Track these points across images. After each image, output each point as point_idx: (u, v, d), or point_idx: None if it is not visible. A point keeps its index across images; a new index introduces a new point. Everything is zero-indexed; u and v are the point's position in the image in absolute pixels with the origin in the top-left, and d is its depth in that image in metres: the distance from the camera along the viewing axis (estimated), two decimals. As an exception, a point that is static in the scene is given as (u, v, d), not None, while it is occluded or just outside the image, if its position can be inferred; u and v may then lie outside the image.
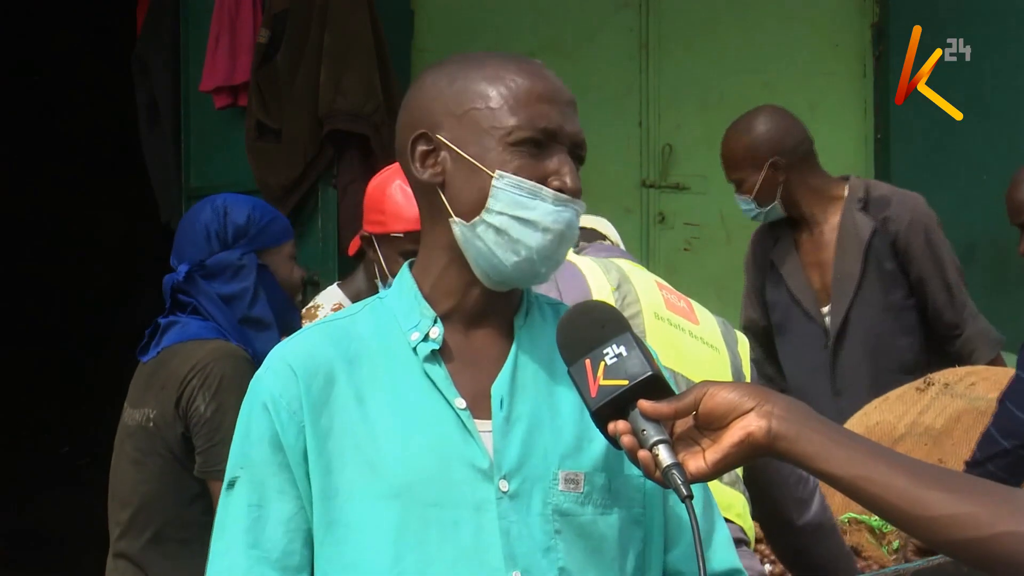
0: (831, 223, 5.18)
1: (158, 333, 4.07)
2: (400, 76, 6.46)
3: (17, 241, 11.23)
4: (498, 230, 2.17)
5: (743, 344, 3.64)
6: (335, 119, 6.36)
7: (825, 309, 5.20)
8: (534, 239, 2.17)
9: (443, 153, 2.21)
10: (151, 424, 3.97)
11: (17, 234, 11.23)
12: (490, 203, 2.17)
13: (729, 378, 3.50)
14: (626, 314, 3.39)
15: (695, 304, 3.62)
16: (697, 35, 7.17)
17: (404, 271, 2.28)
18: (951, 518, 1.96)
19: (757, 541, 3.77)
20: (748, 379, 3.58)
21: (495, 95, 2.20)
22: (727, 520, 3.33)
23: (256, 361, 3.83)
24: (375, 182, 4.09)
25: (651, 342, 3.35)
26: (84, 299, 11.28)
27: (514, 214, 2.17)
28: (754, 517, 3.56)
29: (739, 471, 3.44)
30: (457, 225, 2.20)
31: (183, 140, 7.13)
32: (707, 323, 3.57)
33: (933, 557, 3.68)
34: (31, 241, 11.32)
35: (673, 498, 2.22)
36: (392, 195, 3.98)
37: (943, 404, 4.55)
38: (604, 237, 3.85)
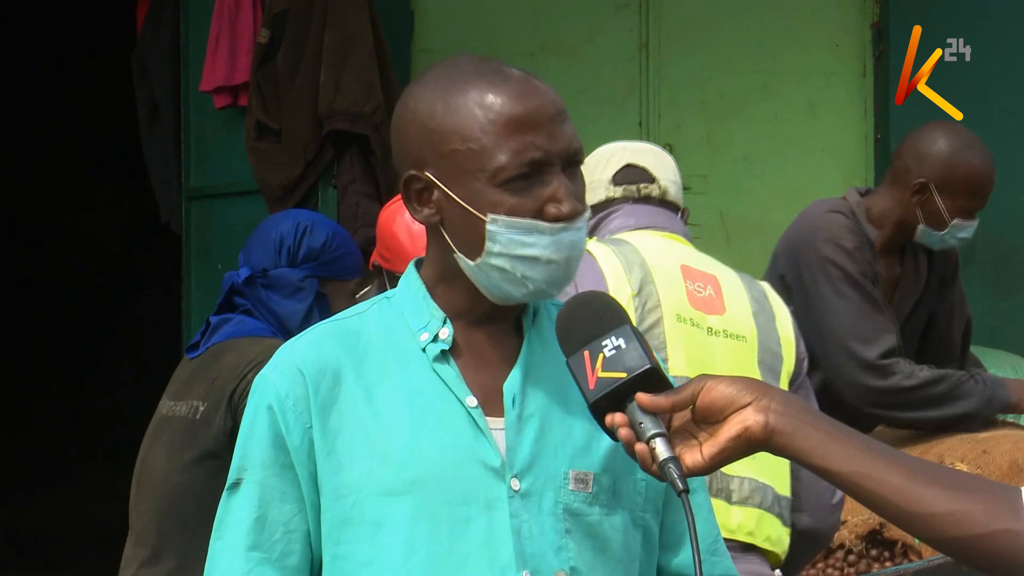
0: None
1: (208, 331, 4.05)
2: (400, 76, 6.45)
3: (16, 241, 11.22)
4: (502, 270, 2.16)
5: (781, 317, 3.53)
6: (335, 119, 6.35)
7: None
8: (540, 272, 2.16)
9: (436, 192, 2.18)
10: (198, 415, 3.93)
11: (16, 234, 11.22)
12: (488, 246, 2.15)
13: (755, 369, 3.44)
14: (648, 322, 3.35)
15: (724, 283, 3.50)
16: (697, 35, 7.15)
17: (411, 271, 2.27)
18: (948, 515, 1.96)
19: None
20: (790, 354, 3.48)
21: (475, 133, 2.14)
22: (736, 540, 3.32)
23: None
24: (385, 215, 4.08)
25: (671, 349, 3.32)
26: (83, 299, 11.27)
27: (514, 253, 2.15)
28: None
29: (760, 477, 3.40)
30: (462, 261, 2.19)
31: (183, 140, 7.11)
32: (736, 307, 3.47)
33: (934, 557, 3.67)
34: (30, 241, 11.31)
35: (679, 502, 2.21)
36: (397, 235, 3.96)
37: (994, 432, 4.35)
38: (653, 179, 3.63)
